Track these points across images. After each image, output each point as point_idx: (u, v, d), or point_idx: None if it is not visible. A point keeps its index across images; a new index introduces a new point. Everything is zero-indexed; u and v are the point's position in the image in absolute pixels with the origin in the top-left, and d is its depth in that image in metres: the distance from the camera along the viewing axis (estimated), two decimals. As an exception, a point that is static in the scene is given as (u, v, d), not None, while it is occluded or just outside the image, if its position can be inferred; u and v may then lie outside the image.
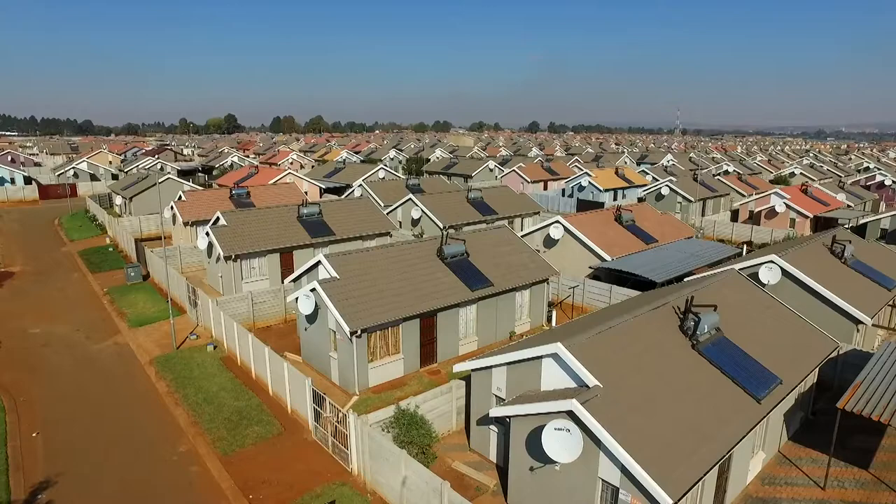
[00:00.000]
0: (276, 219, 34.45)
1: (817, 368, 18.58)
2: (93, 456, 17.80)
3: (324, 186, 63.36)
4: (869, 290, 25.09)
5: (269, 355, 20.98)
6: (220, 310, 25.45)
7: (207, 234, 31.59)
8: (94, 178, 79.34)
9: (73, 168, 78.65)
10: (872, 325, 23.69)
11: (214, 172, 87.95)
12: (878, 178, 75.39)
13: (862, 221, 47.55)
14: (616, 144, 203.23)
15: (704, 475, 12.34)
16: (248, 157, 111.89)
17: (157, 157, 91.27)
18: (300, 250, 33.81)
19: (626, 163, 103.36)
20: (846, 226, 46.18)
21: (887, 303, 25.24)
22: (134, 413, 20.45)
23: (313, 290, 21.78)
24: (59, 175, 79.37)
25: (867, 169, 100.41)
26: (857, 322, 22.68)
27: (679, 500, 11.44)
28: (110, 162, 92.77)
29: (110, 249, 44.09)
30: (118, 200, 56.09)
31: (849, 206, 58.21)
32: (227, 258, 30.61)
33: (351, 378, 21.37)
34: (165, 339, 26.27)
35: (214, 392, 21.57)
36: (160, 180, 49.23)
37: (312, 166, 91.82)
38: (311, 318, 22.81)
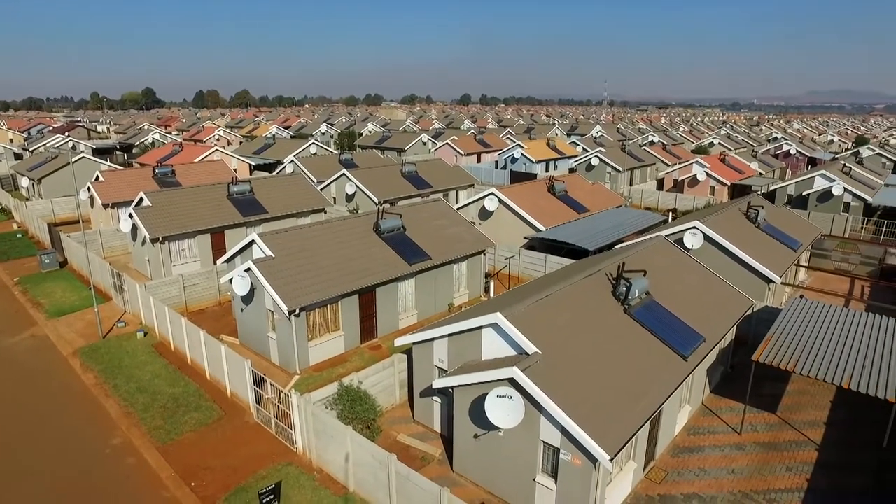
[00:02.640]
0: (205, 198, 33.05)
1: (735, 325, 19.98)
2: (18, 456, 16.81)
3: (254, 163, 61.14)
4: (778, 252, 27.05)
5: (205, 339, 20.35)
6: (149, 295, 24.34)
7: (131, 215, 29.93)
8: (-7, 157, 73.05)
9: (-32, 147, 72.01)
10: (781, 283, 25.61)
11: (134, 150, 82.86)
12: (785, 148, 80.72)
13: (772, 188, 50.90)
14: (547, 116, 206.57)
15: (637, 431, 13.12)
16: (170, 133, 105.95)
17: (67, 134, 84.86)
18: (232, 230, 32.67)
19: (557, 134, 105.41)
20: (759, 192, 49.31)
21: (793, 262, 27.34)
22: (59, 408, 19.38)
23: (248, 270, 21.20)
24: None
25: (776, 139, 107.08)
26: (769, 281, 24.45)
27: (615, 456, 12.14)
28: (11, 140, 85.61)
29: (19, 236, 40.96)
30: (24, 182, 52.00)
31: (761, 173, 62.08)
32: (153, 241, 29.18)
33: (291, 357, 21.10)
34: (90, 329, 24.91)
35: (148, 380, 20.75)
36: (73, 159, 45.94)
37: (240, 142, 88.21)
38: (247, 299, 22.24)
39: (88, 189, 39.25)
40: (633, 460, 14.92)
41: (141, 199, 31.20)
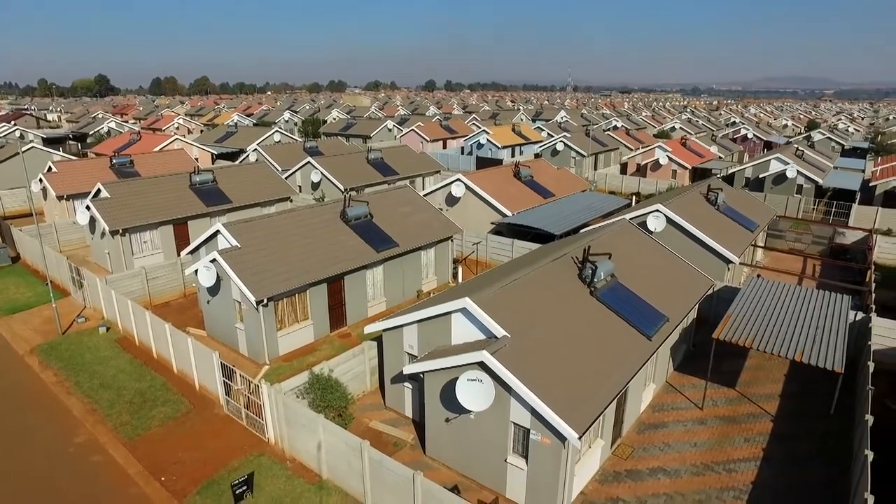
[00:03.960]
0: (167, 188, 32.22)
1: (697, 305, 20.63)
2: (-25, 456, 16.30)
3: (216, 152, 59.71)
4: (737, 233, 27.95)
5: (171, 332, 19.98)
6: (110, 289, 23.71)
7: (88, 207, 28.98)
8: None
9: None
10: (739, 263, 26.50)
11: (89, 140, 79.82)
12: (743, 132, 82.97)
13: (731, 171, 52.36)
14: (512, 102, 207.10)
15: (604, 410, 13.50)
16: (127, 122, 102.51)
17: (13, 123, 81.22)
18: (195, 220, 31.98)
19: (522, 120, 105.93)
20: (718, 175, 50.67)
21: (750, 243, 28.29)
22: (16, 408, 18.77)
23: (213, 260, 20.84)
24: None
25: (734, 123, 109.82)
26: (728, 261, 25.28)
27: (583, 434, 12.49)
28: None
29: (-32, 230, 39.22)
30: (-31, 174, 49.61)
31: (720, 157, 63.71)
32: (113, 233, 28.35)
33: (260, 348, 20.92)
34: (48, 326, 24.16)
35: (112, 376, 20.30)
36: (23, 149, 44.14)
37: (201, 131, 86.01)
38: (214, 291, 21.89)
39: (41, 180, 37.75)
40: (600, 438, 15.37)
41: (98, 191, 30.23)
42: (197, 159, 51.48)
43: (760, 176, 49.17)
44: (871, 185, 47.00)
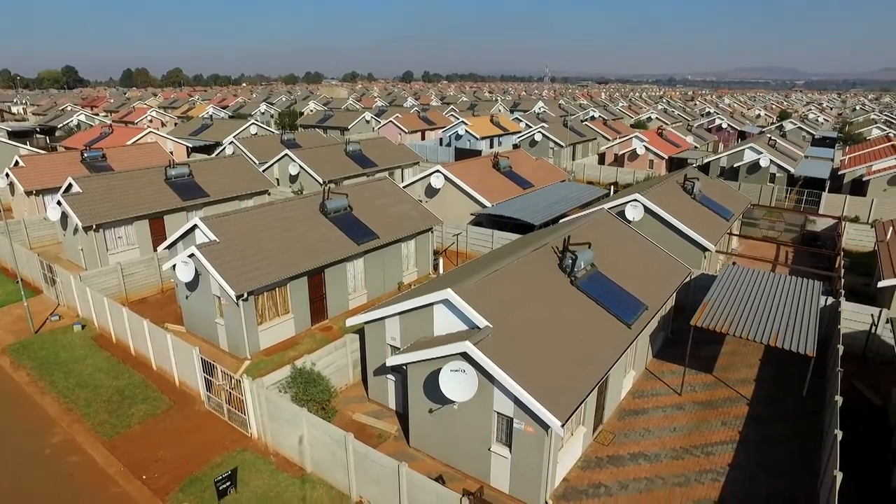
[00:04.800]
0: (141, 182, 31.60)
1: (675, 293, 20.98)
2: (-53, 459, 15.91)
3: (191, 145, 58.66)
4: (713, 221, 28.43)
5: (149, 328, 19.69)
6: (84, 286, 23.24)
7: (59, 203, 28.31)
8: None
9: None
10: (716, 251, 26.99)
11: (57, 133, 77.75)
12: (717, 122, 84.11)
13: (706, 161, 53.12)
14: (490, 93, 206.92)
15: (586, 397, 13.70)
16: (97, 115, 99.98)
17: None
18: (171, 215, 31.46)
19: (500, 110, 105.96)
20: (694, 165, 51.37)
21: (726, 231, 28.81)
22: (-8, 407, 18.40)
23: (192, 255, 20.55)
24: None
25: (708, 113, 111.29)
26: (705, 249, 25.72)
27: (566, 422, 12.66)
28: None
29: (-67, 227, 38.04)
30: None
31: (695, 147, 64.60)
32: (86, 229, 27.74)
33: (241, 343, 20.73)
34: (19, 324, 23.60)
35: (89, 374, 19.95)
36: (-11, 144, 42.84)
37: (175, 124, 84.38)
38: (192, 286, 21.60)
39: (7, 175, 36.72)
40: (582, 425, 15.59)
41: (70, 186, 29.52)
42: (172, 153, 50.56)
43: (735, 165, 50.00)
44: (839, 173, 48.11)
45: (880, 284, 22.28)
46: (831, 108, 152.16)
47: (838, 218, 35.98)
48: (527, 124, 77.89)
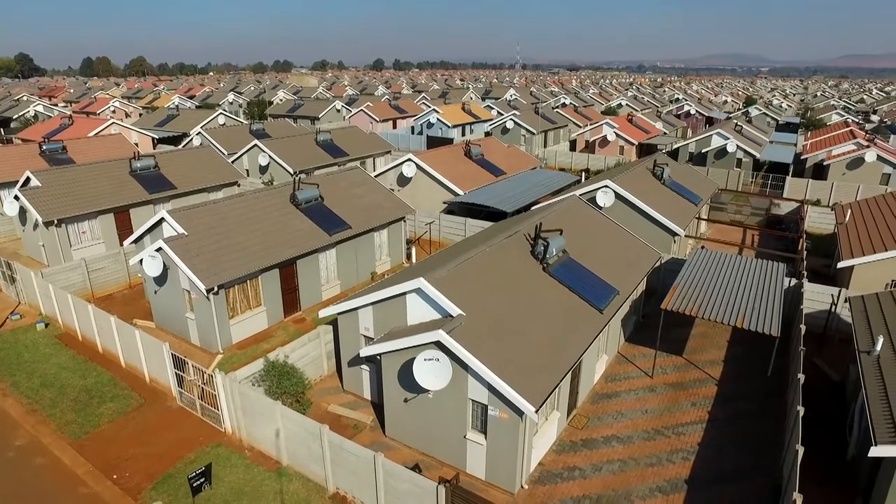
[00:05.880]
0: (105, 175, 30.71)
1: (646, 277, 21.32)
2: None
3: (157, 136, 57.20)
4: (682, 206, 28.91)
5: (117, 325, 19.23)
6: (47, 283, 22.56)
7: (17, 197, 27.36)
8: None
9: None
10: (685, 235, 27.47)
11: (13, 125, 75.02)
12: (686, 108, 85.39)
13: (675, 146, 53.90)
14: (461, 80, 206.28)
15: (559, 382, 13.86)
16: (56, 105, 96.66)
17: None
18: (138, 208, 30.69)
19: (471, 98, 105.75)
20: (663, 151, 52.07)
21: (695, 216, 29.34)
22: (-48, 410, 17.79)
23: (159, 249, 20.11)
24: None
25: (677, 100, 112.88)
26: (674, 234, 26.16)
27: (540, 408, 12.80)
28: None
29: None
30: None
31: (665, 133, 65.48)
32: (47, 224, 26.88)
33: (212, 337, 20.43)
34: (-20, 323, 22.86)
35: (54, 374, 19.42)
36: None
37: (140, 114, 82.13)
38: (161, 280, 21.16)
39: (-37, 170, 35.33)
40: (556, 410, 15.80)
41: (28, 179, 28.53)
42: (137, 144, 49.32)
43: (703, 151, 50.85)
44: (802, 158, 49.33)
45: (839, 265, 23.00)
46: (794, 95, 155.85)
47: (801, 201, 36.95)
48: (498, 112, 77.87)
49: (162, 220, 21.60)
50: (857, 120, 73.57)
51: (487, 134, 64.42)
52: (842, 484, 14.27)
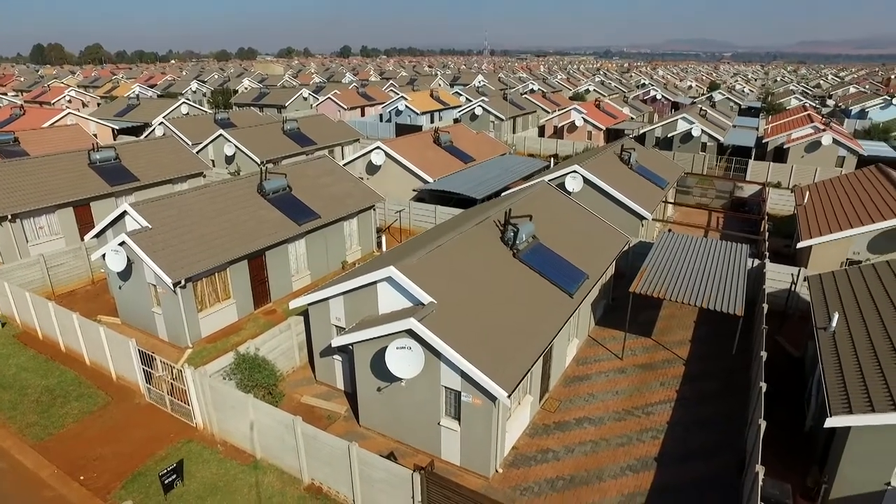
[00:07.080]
0: (62, 167, 29.63)
1: (614, 261, 21.64)
2: None
3: (117, 127, 55.37)
4: (649, 190, 29.36)
5: (80, 322, 18.70)
6: (2, 280, 21.79)
7: (-32, 192, 26.21)
8: None
9: None
10: (652, 219, 27.94)
11: (-38, 117, 71.70)
12: (652, 94, 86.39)
13: (642, 131, 54.62)
14: (429, 67, 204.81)
15: (531, 367, 14.02)
16: (6, 95, 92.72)
17: None
18: (99, 201, 29.74)
19: (440, 85, 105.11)
20: (630, 136, 52.74)
21: (661, 199, 29.85)
22: None
23: (123, 243, 19.57)
24: None
25: (644, 85, 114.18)
26: (642, 218, 26.58)
27: (512, 393, 12.94)
28: None
29: None
30: None
31: (632, 118, 66.27)
32: (0, 220, 25.88)
33: (181, 331, 20.04)
34: (-67, 324, 21.96)
35: (12, 375, 18.81)
36: None
37: (98, 104, 79.40)
38: (125, 275, 20.62)
39: None
40: (529, 394, 16.00)
41: (-20, 173, 27.36)
42: (95, 135, 47.71)
43: (669, 135, 51.64)
44: (763, 141, 50.54)
45: (799, 245, 23.73)
46: (756, 80, 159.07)
47: (763, 184, 37.91)
48: (467, 98, 77.66)
49: (124, 213, 21.01)
50: (814, 104, 75.57)
51: (456, 121, 64.23)
52: (800, 454, 14.84)
